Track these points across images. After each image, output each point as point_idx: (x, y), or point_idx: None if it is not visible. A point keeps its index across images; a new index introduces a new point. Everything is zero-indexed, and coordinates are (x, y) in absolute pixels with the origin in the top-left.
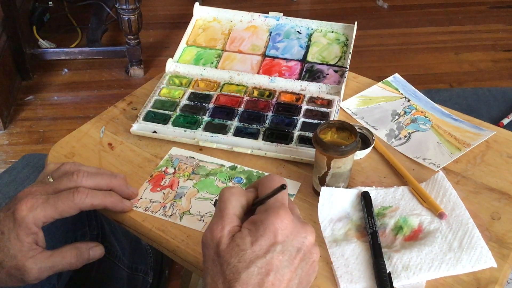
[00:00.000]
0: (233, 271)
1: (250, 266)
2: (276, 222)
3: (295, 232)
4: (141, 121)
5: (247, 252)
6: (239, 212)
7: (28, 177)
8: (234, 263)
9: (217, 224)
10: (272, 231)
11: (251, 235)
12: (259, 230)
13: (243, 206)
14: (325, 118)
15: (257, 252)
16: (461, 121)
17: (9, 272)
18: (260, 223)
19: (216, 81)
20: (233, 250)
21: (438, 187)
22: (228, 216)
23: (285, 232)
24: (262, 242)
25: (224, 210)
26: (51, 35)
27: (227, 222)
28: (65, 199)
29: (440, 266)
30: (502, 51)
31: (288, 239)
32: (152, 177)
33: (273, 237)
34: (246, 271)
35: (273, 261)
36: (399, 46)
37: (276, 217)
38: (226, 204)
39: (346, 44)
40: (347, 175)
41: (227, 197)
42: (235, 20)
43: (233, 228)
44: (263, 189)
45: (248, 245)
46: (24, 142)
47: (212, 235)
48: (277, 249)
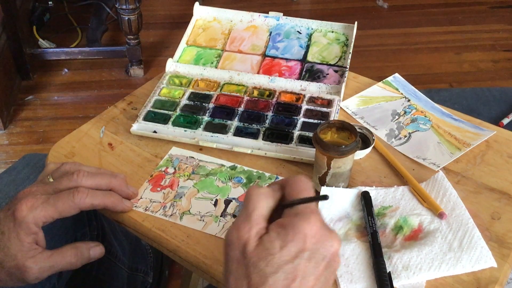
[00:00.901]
0: (260, 274)
1: (278, 271)
2: (307, 228)
3: (322, 240)
4: (141, 121)
5: (276, 256)
6: (267, 214)
7: (28, 177)
8: (261, 266)
9: (244, 224)
10: (301, 237)
11: (280, 239)
12: (289, 234)
13: (271, 208)
14: (325, 118)
15: (285, 257)
16: (461, 121)
17: (9, 272)
18: (291, 227)
19: (216, 81)
20: (261, 253)
21: (438, 187)
22: (256, 217)
23: (314, 239)
24: (291, 248)
25: (253, 211)
26: (51, 35)
27: (255, 224)
28: (65, 199)
29: (440, 266)
30: (502, 51)
31: (316, 246)
32: (152, 177)
33: (302, 243)
34: (273, 276)
35: (300, 267)
36: (399, 46)
37: (307, 223)
38: (255, 204)
39: (346, 44)
40: (347, 175)
41: (256, 198)
42: (235, 20)
43: (260, 230)
44: (291, 191)
45: (277, 249)
46: (24, 142)
47: (239, 235)
48: (305, 255)
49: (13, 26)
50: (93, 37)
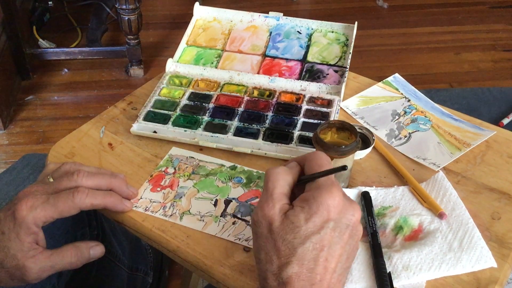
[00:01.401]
0: (288, 246)
1: (306, 242)
2: (329, 200)
3: (344, 210)
4: (141, 121)
5: (302, 229)
6: (287, 191)
7: (28, 177)
8: (289, 239)
9: (267, 202)
10: (325, 208)
11: (304, 212)
12: (312, 207)
13: (290, 184)
14: (325, 118)
15: (312, 229)
16: (461, 121)
17: (10, 272)
18: (313, 200)
19: (216, 81)
20: (288, 227)
21: (438, 187)
22: (277, 194)
23: (337, 209)
24: (316, 219)
25: (273, 189)
26: (51, 35)
27: (277, 200)
28: (65, 199)
29: (440, 266)
30: (502, 51)
31: (339, 216)
32: (152, 177)
33: (327, 214)
34: (301, 247)
35: (326, 237)
36: (399, 46)
37: (329, 195)
38: (274, 183)
39: (346, 44)
40: (347, 175)
41: (275, 177)
42: (235, 20)
43: (284, 206)
44: (311, 166)
45: (302, 222)
46: (24, 142)
47: (264, 213)
48: (330, 225)
49: (13, 26)
50: (93, 37)
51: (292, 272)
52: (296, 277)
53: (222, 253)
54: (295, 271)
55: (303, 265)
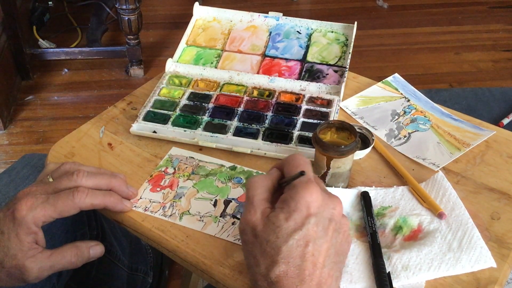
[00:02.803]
0: (273, 247)
1: (289, 240)
2: (306, 196)
3: (324, 204)
4: (141, 121)
5: (283, 228)
6: (267, 196)
7: (28, 177)
8: (273, 239)
9: (249, 210)
10: (304, 205)
11: (284, 212)
12: (291, 205)
13: (270, 189)
14: (324, 118)
15: (293, 226)
16: (461, 121)
17: (9, 272)
18: (291, 199)
19: (216, 81)
20: (269, 229)
21: (437, 187)
22: (257, 201)
23: (316, 204)
24: (296, 216)
25: (253, 197)
26: (51, 35)
27: (258, 206)
28: (65, 199)
29: (440, 266)
30: (502, 51)
31: (319, 210)
32: (152, 177)
33: (306, 210)
34: (285, 245)
35: (310, 233)
36: (399, 46)
37: (305, 191)
38: (253, 191)
39: (346, 44)
40: (346, 175)
41: (252, 185)
42: (235, 20)
43: (265, 210)
44: (289, 168)
45: (283, 221)
46: (24, 142)
47: (246, 220)
48: (311, 221)
49: (13, 26)
50: (93, 37)
51: (280, 270)
52: (284, 275)
53: (221, 253)
54: (282, 269)
55: (289, 263)
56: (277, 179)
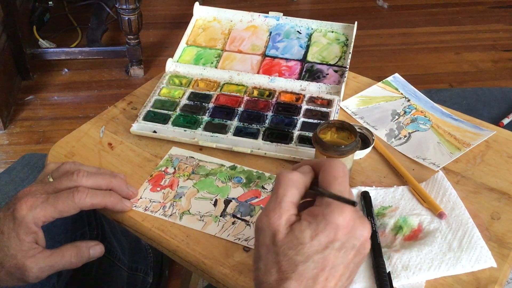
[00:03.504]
0: (289, 262)
1: (308, 261)
2: (339, 219)
3: (353, 230)
4: (141, 121)
5: (306, 246)
6: (297, 200)
7: (27, 177)
8: (291, 255)
9: (274, 211)
10: (333, 228)
11: (311, 229)
12: (320, 225)
13: (301, 193)
14: (325, 118)
15: (316, 247)
16: (461, 121)
17: (9, 272)
18: (322, 217)
19: (216, 81)
20: (291, 242)
21: (438, 187)
22: (286, 203)
23: (345, 230)
24: (322, 238)
25: (283, 197)
26: (51, 35)
27: (285, 210)
28: (65, 199)
29: (440, 266)
30: (502, 51)
31: (347, 236)
32: (152, 177)
33: (334, 234)
34: (303, 265)
35: (330, 257)
36: (399, 46)
37: (339, 214)
38: (285, 190)
39: (346, 44)
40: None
41: (286, 184)
42: (235, 20)
43: (291, 217)
44: (326, 176)
45: (307, 239)
46: (24, 142)
47: (269, 222)
48: (336, 246)
49: (13, 26)
50: (93, 37)
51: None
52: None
53: (221, 253)
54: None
55: (301, 283)
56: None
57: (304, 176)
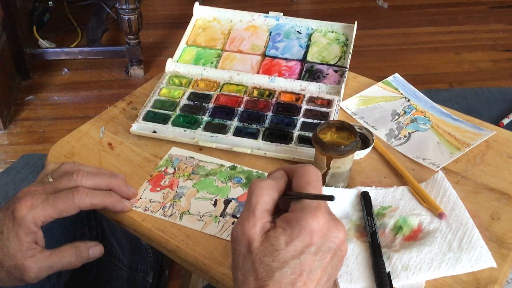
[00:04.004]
0: (266, 269)
1: (284, 267)
2: (313, 224)
3: (328, 233)
4: (141, 121)
5: (281, 252)
6: (271, 207)
7: (27, 177)
8: (267, 262)
9: (248, 220)
10: (308, 233)
11: (286, 235)
12: (295, 230)
13: (275, 200)
14: (325, 118)
15: (292, 253)
16: (461, 121)
17: (9, 272)
18: (296, 223)
19: (216, 81)
20: (266, 249)
21: (437, 187)
22: (260, 211)
23: (320, 234)
24: (297, 243)
25: (256, 205)
26: (51, 35)
27: (259, 218)
28: (65, 199)
29: (440, 266)
30: (502, 51)
31: (322, 240)
32: (151, 177)
33: (309, 238)
34: (279, 271)
35: (307, 262)
36: (399, 46)
37: (313, 219)
38: (258, 198)
39: (346, 44)
40: (346, 175)
41: (259, 192)
42: (235, 20)
43: (265, 225)
44: (299, 181)
45: (282, 245)
46: (24, 142)
47: (244, 231)
48: (312, 250)
49: (13, 26)
50: (93, 37)
51: None
52: None
53: (221, 253)
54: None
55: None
56: (283, 188)
57: (277, 183)
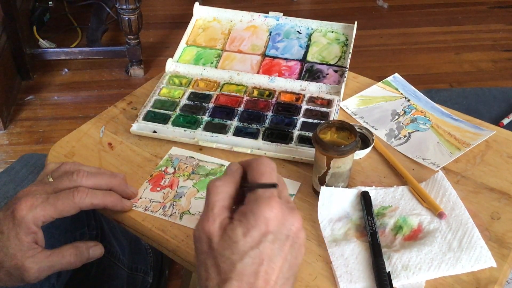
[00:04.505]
0: (227, 263)
1: (244, 258)
2: (267, 212)
3: (284, 220)
4: (141, 121)
5: (240, 244)
6: (228, 203)
7: (27, 177)
8: (228, 255)
9: (207, 217)
10: (263, 222)
11: (242, 226)
12: (250, 221)
13: (232, 196)
14: (325, 118)
15: (250, 243)
16: (461, 121)
17: (9, 272)
18: (251, 213)
19: (216, 81)
20: (225, 243)
21: (437, 186)
22: (217, 208)
23: (275, 221)
24: (254, 233)
25: (214, 203)
26: (51, 35)
27: (217, 215)
28: (65, 199)
29: (440, 266)
30: (502, 51)
31: (278, 228)
32: (152, 176)
33: (265, 227)
34: (240, 263)
35: (266, 251)
36: (399, 46)
37: (266, 207)
38: (215, 197)
39: (346, 44)
40: (346, 175)
41: (215, 190)
42: (235, 20)
43: (224, 220)
44: (253, 173)
45: (240, 236)
46: (24, 142)
47: (203, 229)
48: (269, 238)
49: (13, 26)
50: (93, 37)
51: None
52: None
53: None
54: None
55: (242, 281)
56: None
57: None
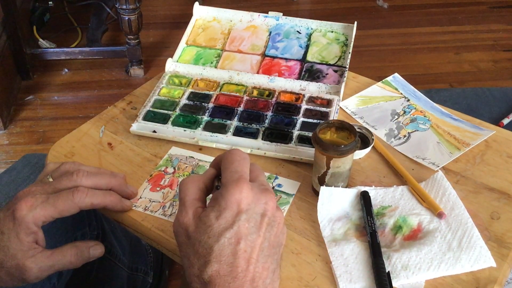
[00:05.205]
0: (205, 247)
1: (220, 239)
2: (236, 193)
3: (255, 200)
4: (140, 121)
5: (214, 227)
6: (199, 196)
7: (28, 177)
8: (204, 240)
9: (180, 212)
10: (234, 202)
11: (214, 211)
12: (221, 204)
13: (202, 189)
14: (324, 117)
15: (224, 225)
16: (460, 121)
17: (9, 272)
18: (221, 197)
19: (215, 81)
20: (201, 229)
21: (437, 186)
22: (189, 201)
23: (246, 201)
24: (227, 214)
25: (184, 197)
26: (51, 35)
27: (189, 207)
28: (65, 199)
29: (439, 266)
30: (502, 51)
31: (250, 207)
32: (151, 176)
33: (236, 207)
34: (217, 244)
35: (241, 230)
36: (399, 46)
37: (235, 188)
38: (185, 192)
39: (346, 44)
40: (346, 175)
41: (184, 186)
42: (234, 20)
43: (196, 210)
44: (224, 164)
45: (213, 220)
46: (24, 142)
47: (179, 222)
48: (242, 218)
49: (13, 26)
50: (93, 37)
51: (212, 270)
52: (216, 274)
53: None
54: (215, 269)
55: (221, 262)
56: (210, 178)
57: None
